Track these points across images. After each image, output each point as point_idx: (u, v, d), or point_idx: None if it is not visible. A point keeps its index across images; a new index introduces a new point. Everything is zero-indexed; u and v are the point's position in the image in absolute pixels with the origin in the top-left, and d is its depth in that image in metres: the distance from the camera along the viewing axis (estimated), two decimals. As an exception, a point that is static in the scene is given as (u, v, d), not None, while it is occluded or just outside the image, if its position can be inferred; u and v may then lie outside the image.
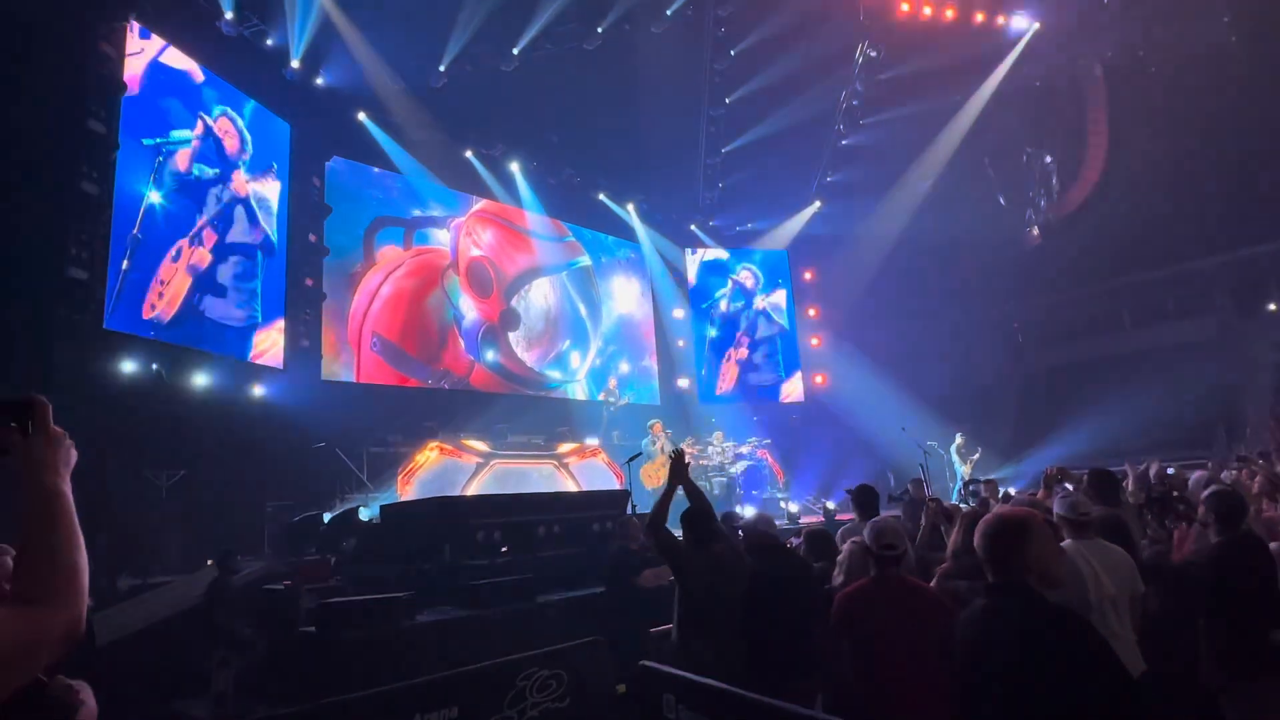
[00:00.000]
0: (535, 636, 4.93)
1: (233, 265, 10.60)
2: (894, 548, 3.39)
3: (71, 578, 1.12)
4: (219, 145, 10.59)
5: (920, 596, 3.34)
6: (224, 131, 10.71)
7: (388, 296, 13.16)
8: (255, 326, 10.95)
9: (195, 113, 10.28)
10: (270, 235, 11.36)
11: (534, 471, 12.35)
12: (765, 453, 15.03)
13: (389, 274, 13.29)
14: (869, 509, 5.23)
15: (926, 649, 3.10)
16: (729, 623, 3.90)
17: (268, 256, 11.28)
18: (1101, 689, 1.94)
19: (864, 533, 3.61)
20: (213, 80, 10.63)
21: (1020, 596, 2.15)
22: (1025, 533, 2.22)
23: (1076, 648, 1.99)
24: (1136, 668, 3.28)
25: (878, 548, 3.40)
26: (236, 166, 10.84)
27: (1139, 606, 3.54)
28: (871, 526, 3.53)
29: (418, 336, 13.51)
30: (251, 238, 11.00)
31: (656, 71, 14.52)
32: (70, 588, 1.11)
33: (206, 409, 9.54)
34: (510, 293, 15.22)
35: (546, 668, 3.99)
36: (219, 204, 10.47)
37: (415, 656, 5.20)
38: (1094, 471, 5.18)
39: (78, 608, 1.11)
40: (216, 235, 10.35)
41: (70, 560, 1.13)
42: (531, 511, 7.83)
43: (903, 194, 17.91)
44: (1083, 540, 3.66)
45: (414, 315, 13.51)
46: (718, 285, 19.12)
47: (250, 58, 11.31)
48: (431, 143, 13.73)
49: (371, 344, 12.79)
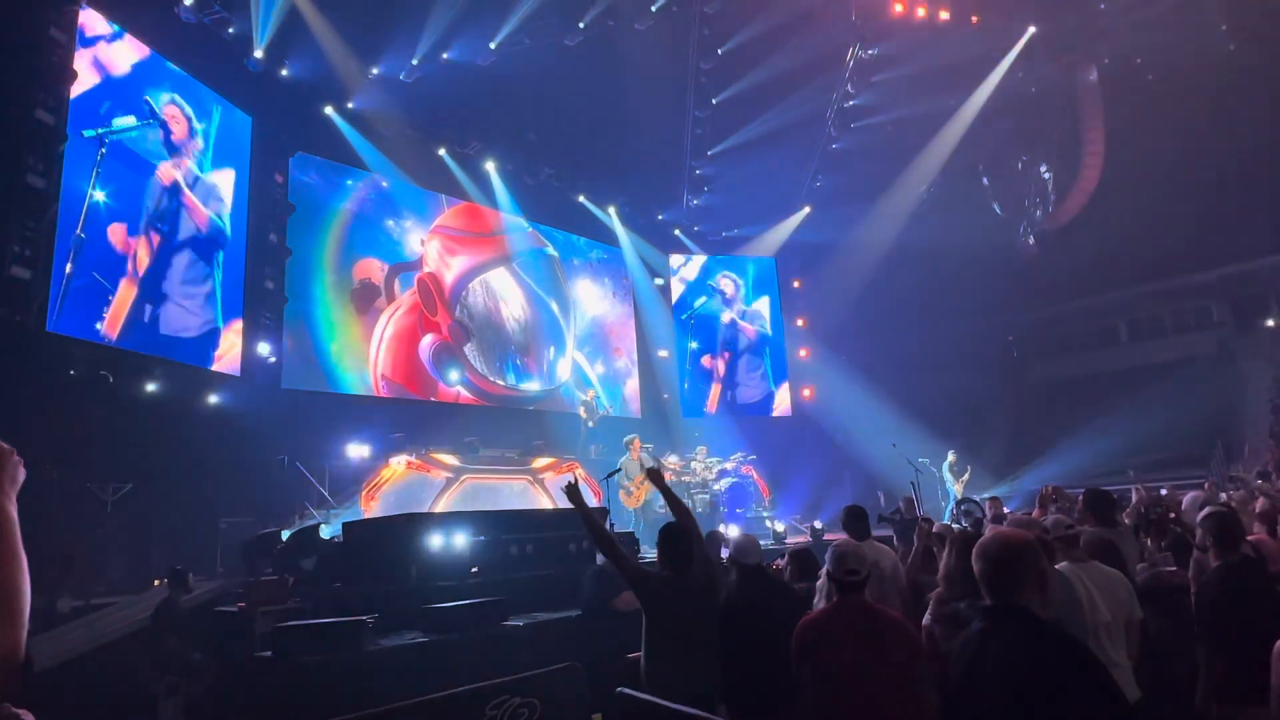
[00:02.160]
0: (506, 662, 4.89)
1: (184, 268, 10.46)
2: (856, 573, 3.37)
3: (9, 600, 1.11)
4: (167, 134, 10.42)
5: (884, 624, 3.31)
6: (172, 118, 10.52)
7: (389, 338, 13.66)
8: (216, 332, 10.83)
9: (140, 99, 10.10)
10: (225, 231, 11.23)
11: (507, 487, 12.28)
12: (750, 469, 15.06)
13: (392, 315, 13.74)
14: (859, 529, 5.26)
15: (888, 679, 3.10)
16: (698, 652, 3.88)
17: (222, 255, 11.15)
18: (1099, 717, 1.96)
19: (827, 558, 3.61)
20: (159, 63, 10.42)
21: (1019, 620, 2.17)
22: (1025, 555, 2.24)
23: (1076, 674, 2.01)
24: (1131, 695, 3.32)
25: (840, 573, 3.40)
26: (185, 156, 10.66)
27: (1136, 632, 3.58)
28: (832, 551, 3.50)
29: (415, 375, 13.95)
30: (204, 235, 10.85)
31: (640, 70, 14.59)
32: (7, 610, 1.10)
33: (157, 417, 9.40)
34: (454, 301, 14.95)
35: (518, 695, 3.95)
36: (168, 198, 10.32)
37: (378, 683, 5.13)
38: (1090, 491, 5.26)
39: (16, 631, 1.10)
40: (161, 235, 10.17)
41: (10, 582, 1.12)
42: (504, 529, 7.78)
43: (895, 201, 18.13)
44: (1077, 562, 3.70)
45: (410, 354, 13.93)
46: (698, 294, 19.19)
47: (210, 47, 11.21)
48: (402, 139, 13.70)
49: (381, 387, 13.37)
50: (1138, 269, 18.43)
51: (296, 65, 12.25)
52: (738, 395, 18.81)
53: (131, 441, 8.92)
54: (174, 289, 10.32)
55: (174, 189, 10.42)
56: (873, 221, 18.35)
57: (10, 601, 1.11)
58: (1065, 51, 16.59)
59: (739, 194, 18.49)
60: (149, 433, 9.17)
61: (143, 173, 9.97)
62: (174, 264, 10.33)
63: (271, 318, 11.81)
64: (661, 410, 17.99)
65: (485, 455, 12.36)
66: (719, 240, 19.96)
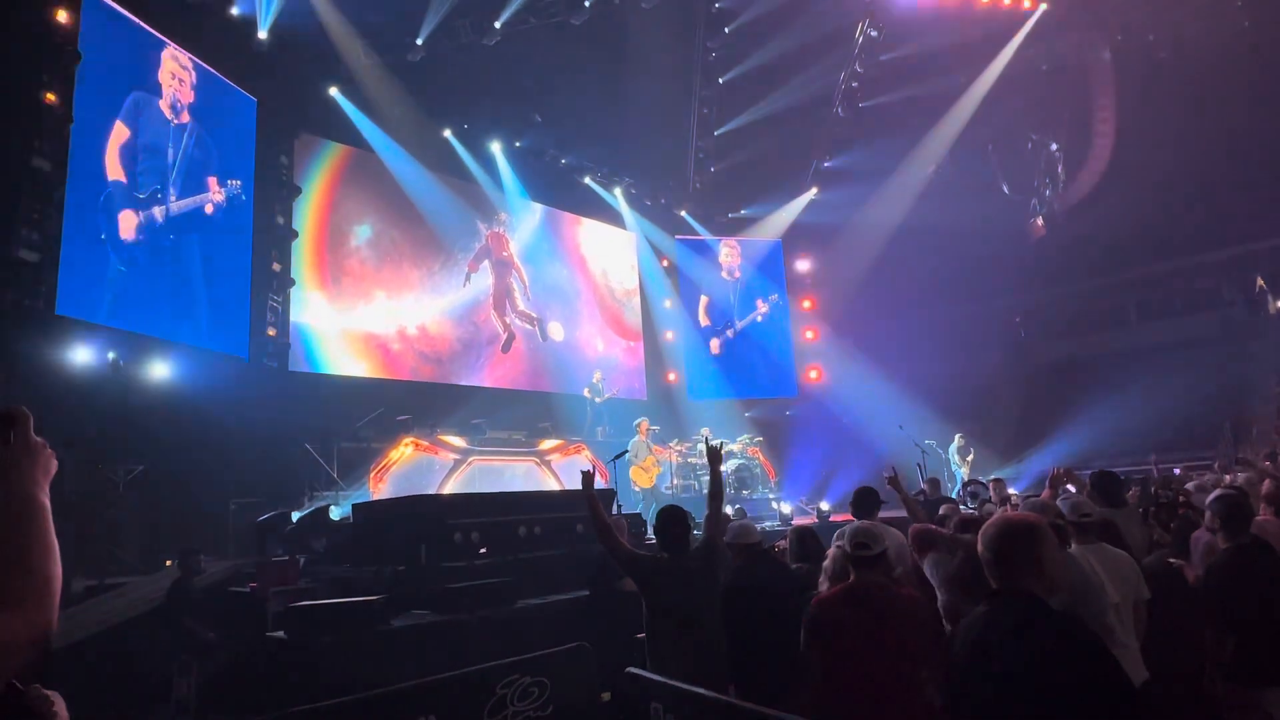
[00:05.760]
0: (516, 642, 4.93)
1: (191, 250, 10.47)
2: (866, 548, 3.36)
3: (42, 586, 1.16)
4: (174, 107, 10.38)
5: (898, 602, 3.30)
6: (177, 99, 10.44)
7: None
8: (224, 314, 10.85)
9: (146, 79, 10.06)
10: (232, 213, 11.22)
11: (514, 469, 12.34)
12: (756, 450, 15.08)
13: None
14: (869, 512, 5.27)
15: (901, 659, 3.11)
16: (697, 633, 3.90)
17: (229, 237, 11.16)
18: (1104, 703, 1.97)
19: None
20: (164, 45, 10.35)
21: (1024, 604, 2.17)
22: (1032, 537, 2.24)
23: (1081, 659, 2.01)
24: (1139, 677, 3.33)
25: (851, 548, 3.41)
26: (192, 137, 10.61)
27: (1144, 613, 3.59)
28: (848, 527, 3.55)
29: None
30: (211, 217, 10.85)
31: (646, 49, 14.46)
32: (39, 596, 1.15)
33: (166, 400, 9.44)
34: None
35: (528, 675, 3.98)
36: (176, 180, 10.32)
37: (389, 663, 5.19)
38: (1098, 473, 5.26)
39: (49, 614, 1.15)
40: (169, 217, 10.17)
41: (44, 568, 1.18)
42: (512, 511, 7.83)
43: (903, 181, 17.98)
44: (1087, 545, 3.70)
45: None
46: (704, 276, 19.13)
47: (215, 27, 11.14)
48: (407, 121, 13.63)
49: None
50: (1147, 248, 18.26)
51: (301, 46, 12.16)
52: (743, 377, 18.78)
53: (141, 424, 8.97)
54: (181, 271, 10.34)
55: (182, 171, 10.41)
56: (880, 202, 18.21)
57: (43, 587, 1.16)
58: (1077, 28, 16.36)
59: (746, 175, 18.37)
60: (158, 415, 9.21)
61: (151, 155, 9.96)
62: (181, 246, 10.34)
63: (279, 300, 11.83)
64: (668, 392, 18.00)
65: (492, 437, 12.41)
66: (725, 222, 19.86)
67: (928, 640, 3.19)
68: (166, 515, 8.96)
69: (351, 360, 12.80)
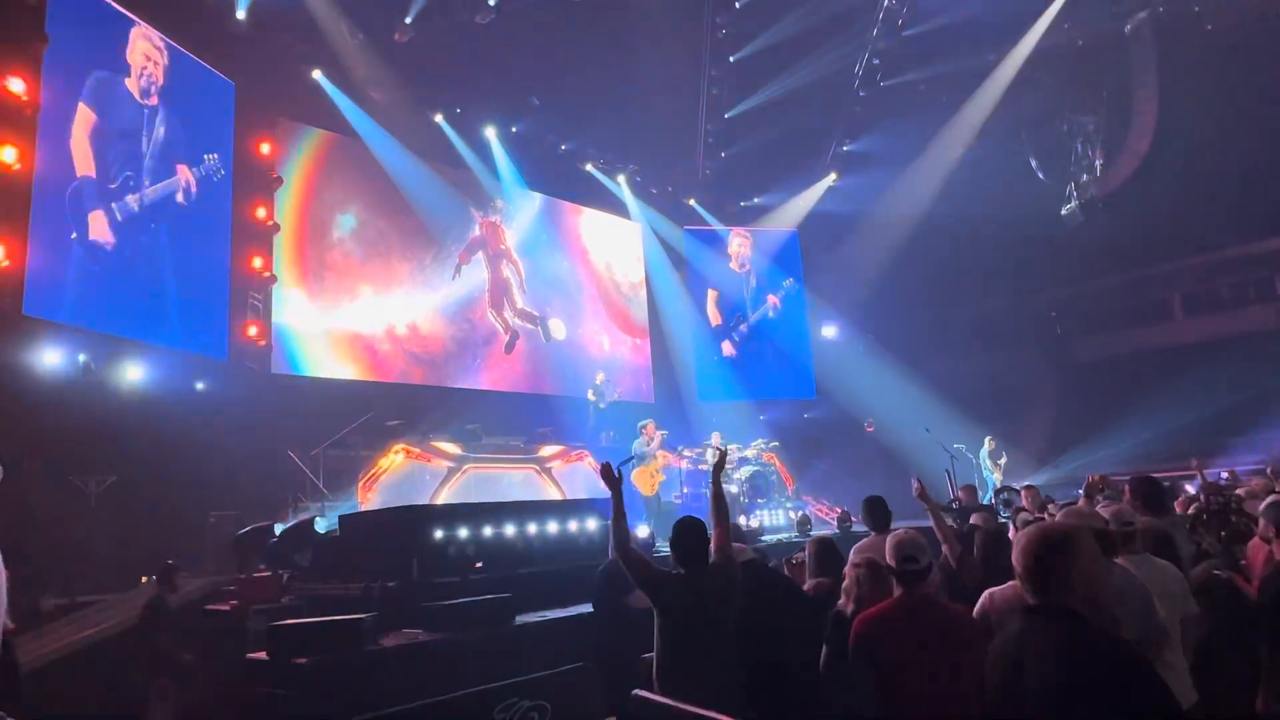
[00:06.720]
0: (514, 662, 4.93)
1: (166, 245, 10.51)
2: (915, 560, 3.35)
3: None
4: (145, 90, 10.41)
5: (953, 620, 3.31)
6: (149, 84, 10.47)
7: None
8: (201, 314, 10.88)
9: (115, 62, 10.09)
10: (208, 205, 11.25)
11: (512, 477, 12.34)
12: (772, 456, 15.04)
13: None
14: (881, 522, 5.25)
15: (957, 676, 3.11)
16: (712, 651, 3.88)
17: (206, 231, 11.19)
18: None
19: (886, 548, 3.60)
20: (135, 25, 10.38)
21: (1063, 620, 2.15)
22: (1069, 549, 2.22)
23: (1125, 679, 2.00)
24: (1187, 698, 3.30)
25: (897, 561, 3.39)
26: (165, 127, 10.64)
27: (1191, 630, 3.57)
28: (890, 538, 3.52)
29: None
30: (186, 210, 10.89)
31: (652, 26, 14.42)
32: None
33: (141, 405, 9.48)
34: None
35: (528, 698, 3.99)
36: (149, 172, 10.36)
37: (378, 686, 5.19)
38: (1137, 479, 5.21)
39: None
40: (142, 212, 10.20)
41: None
42: (510, 522, 7.83)
43: (928, 166, 17.91)
44: (1131, 556, 3.68)
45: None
46: (715, 269, 19.09)
47: (189, 7, 11.18)
48: (395, 105, 13.65)
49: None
50: (1193, 237, 18.16)
51: (281, 26, 12.18)
52: (758, 377, 18.75)
53: (114, 431, 9.01)
54: (155, 268, 10.37)
55: (155, 156, 10.44)
56: (903, 189, 18.16)
57: None
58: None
59: (759, 161, 18.33)
60: (132, 421, 9.25)
61: (123, 147, 9.99)
62: (155, 241, 10.38)
63: (259, 298, 11.85)
64: (677, 393, 17.98)
65: (488, 443, 12.43)
66: (737, 211, 19.83)
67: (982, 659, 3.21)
68: (141, 528, 8.97)
69: (337, 362, 12.81)
